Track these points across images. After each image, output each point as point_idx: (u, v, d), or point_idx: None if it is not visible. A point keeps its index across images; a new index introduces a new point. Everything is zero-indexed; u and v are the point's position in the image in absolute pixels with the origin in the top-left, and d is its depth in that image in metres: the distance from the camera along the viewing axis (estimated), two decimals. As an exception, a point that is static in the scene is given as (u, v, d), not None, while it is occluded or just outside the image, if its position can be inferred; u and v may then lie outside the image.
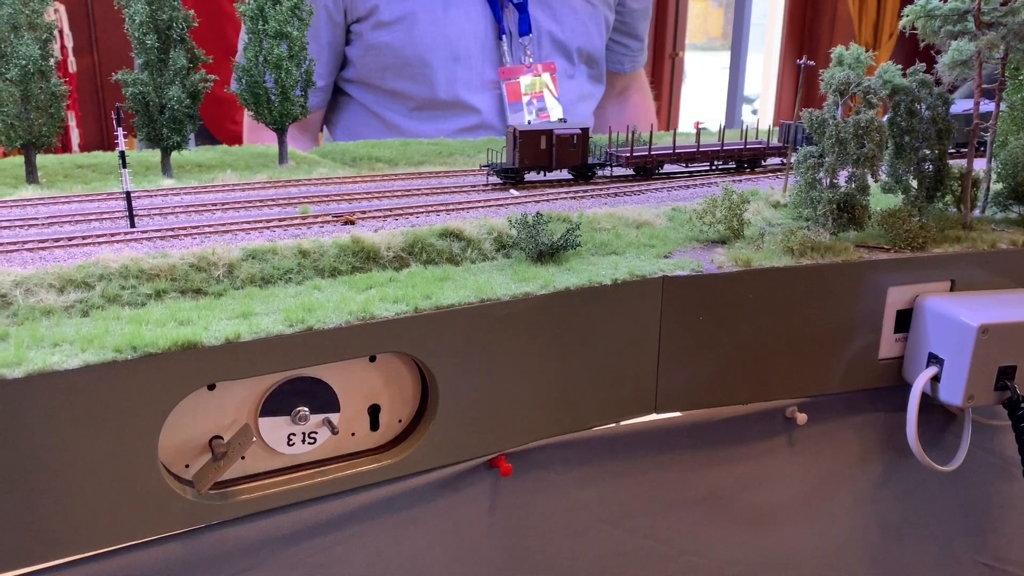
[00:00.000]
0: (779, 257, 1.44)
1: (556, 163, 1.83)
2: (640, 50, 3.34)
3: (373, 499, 1.26)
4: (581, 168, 1.88)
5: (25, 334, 1.06)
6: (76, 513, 1.04)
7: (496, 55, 2.80)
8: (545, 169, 1.84)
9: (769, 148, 2.04)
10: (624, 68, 3.32)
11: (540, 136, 1.80)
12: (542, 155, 1.81)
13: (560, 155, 1.82)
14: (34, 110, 1.71)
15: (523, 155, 1.80)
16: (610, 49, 3.20)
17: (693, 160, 1.99)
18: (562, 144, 1.81)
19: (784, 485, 1.58)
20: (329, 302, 1.20)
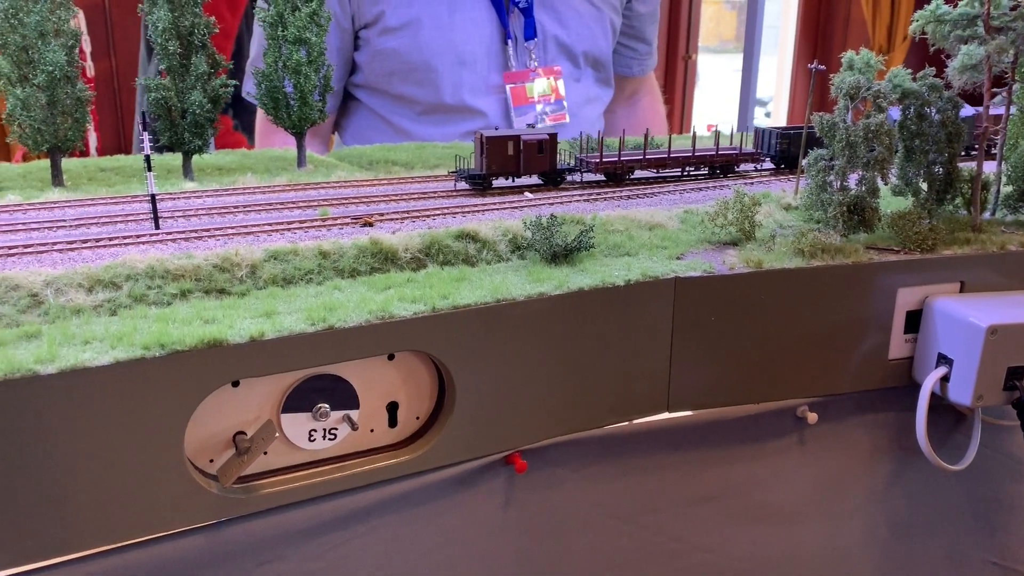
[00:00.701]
0: (790, 258, 1.46)
1: (524, 169, 1.82)
2: (648, 53, 3.36)
3: (391, 494, 1.29)
4: (550, 174, 1.87)
5: (57, 332, 1.10)
6: (105, 505, 1.08)
7: (501, 59, 2.84)
8: (513, 175, 1.83)
9: (742, 154, 2.03)
10: (633, 71, 3.34)
11: (507, 142, 1.80)
12: (510, 161, 1.80)
13: (528, 161, 1.81)
14: (60, 114, 1.75)
15: (490, 161, 1.79)
16: (618, 53, 3.23)
17: (664, 166, 1.97)
18: (529, 150, 1.80)
19: (795, 484, 1.60)
20: (349, 302, 1.23)
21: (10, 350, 1.04)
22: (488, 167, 1.79)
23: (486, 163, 1.79)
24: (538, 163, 1.82)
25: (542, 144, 1.81)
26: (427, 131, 2.81)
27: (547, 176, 1.88)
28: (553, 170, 1.86)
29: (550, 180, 1.89)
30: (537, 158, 1.81)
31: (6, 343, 1.07)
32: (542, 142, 1.81)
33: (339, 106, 3.00)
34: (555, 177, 1.88)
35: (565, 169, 1.89)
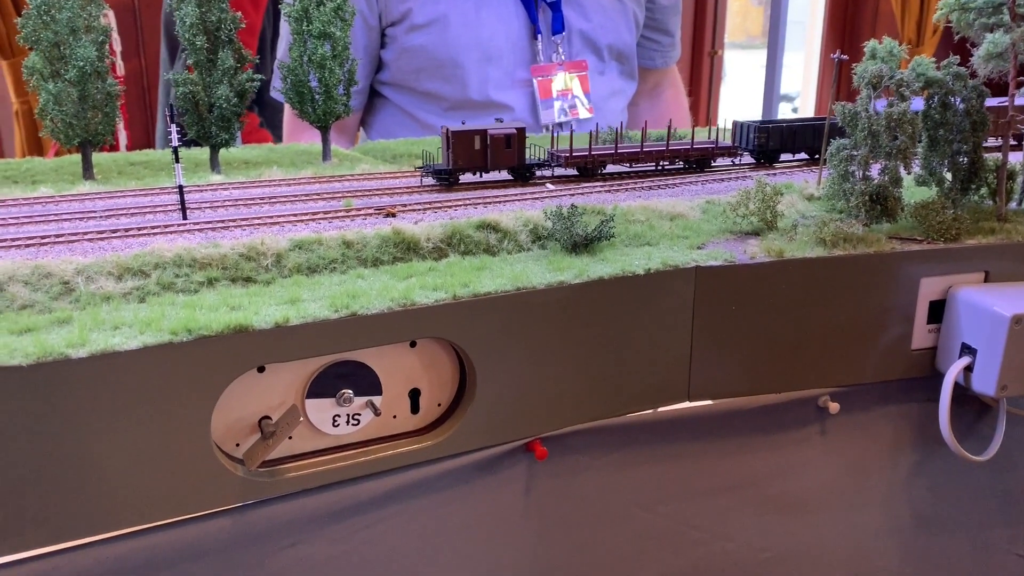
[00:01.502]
0: (812, 248, 1.46)
1: (491, 164, 1.78)
2: (671, 45, 3.35)
3: (413, 479, 1.31)
4: (518, 169, 1.83)
5: (87, 318, 1.13)
6: (134, 487, 1.10)
7: (527, 54, 2.85)
8: (480, 170, 1.80)
9: (718, 148, 1.98)
10: (656, 64, 3.34)
11: (474, 136, 1.76)
12: (477, 156, 1.76)
13: (495, 156, 1.77)
14: (90, 109, 1.79)
15: (457, 156, 1.75)
16: (641, 45, 3.23)
17: (637, 160, 1.94)
18: (496, 144, 1.76)
19: (816, 474, 1.60)
20: (372, 289, 1.25)
21: (43, 335, 1.07)
22: (454, 162, 1.75)
23: (452, 158, 1.75)
24: (506, 158, 1.78)
25: (510, 139, 1.76)
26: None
27: (516, 171, 1.84)
28: (522, 165, 1.82)
29: (519, 175, 1.85)
30: (505, 153, 1.77)
31: (39, 328, 1.10)
32: (509, 137, 1.76)
33: (366, 104, 3.03)
34: (524, 172, 1.84)
35: (535, 164, 1.85)
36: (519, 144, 1.79)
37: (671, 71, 3.46)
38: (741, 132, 2.06)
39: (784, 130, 2.04)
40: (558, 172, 1.93)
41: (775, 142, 2.03)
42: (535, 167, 1.85)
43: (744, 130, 2.05)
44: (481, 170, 1.79)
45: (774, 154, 2.06)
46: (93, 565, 1.13)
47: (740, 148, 2.04)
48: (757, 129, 2.02)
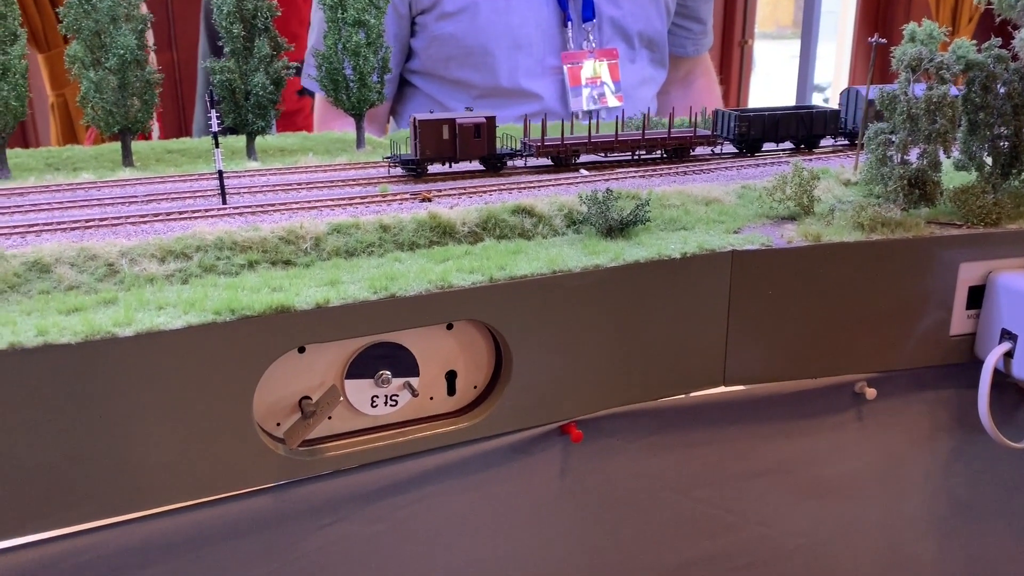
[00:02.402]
0: (849, 232, 1.45)
1: (460, 154, 1.72)
2: (703, 33, 3.33)
3: (450, 460, 1.32)
4: (488, 159, 1.80)
5: (132, 298, 1.15)
6: (177, 464, 1.13)
7: (557, 42, 2.84)
8: (450, 160, 1.74)
9: (696, 137, 1.92)
10: (687, 51, 3.31)
11: (442, 126, 1.70)
12: (445, 145, 1.72)
13: (464, 145, 1.71)
14: (130, 97, 1.81)
15: (424, 146, 1.71)
16: (672, 33, 3.21)
17: (612, 149, 1.86)
18: (465, 134, 1.70)
19: (853, 460, 1.59)
20: (409, 272, 1.26)
21: (90, 314, 1.10)
22: (422, 152, 1.71)
23: (420, 147, 1.71)
24: (475, 147, 1.73)
25: (479, 128, 1.72)
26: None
27: (486, 161, 1.79)
28: (492, 154, 1.77)
29: (489, 165, 1.80)
30: (474, 142, 1.73)
31: (86, 308, 1.12)
32: (479, 126, 1.72)
33: (395, 93, 3.05)
34: (495, 162, 1.80)
35: (506, 154, 1.81)
36: (489, 133, 1.74)
37: (703, 59, 3.44)
38: (722, 121, 2.00)
39: (766, 119, 1.97)
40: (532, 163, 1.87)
41: (756, 131, 1.97)
42: (506, 157, 1.81)
43: (725, 119, 1.99)
44: (450, 160, 1.75)
45: (756, 143, 2.00)
46: (138, 541, 1.16)
47: (721, 137, 1.99)
48: (738, 118, 1.96)
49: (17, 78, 1.68)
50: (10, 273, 1.19)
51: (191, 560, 1.19)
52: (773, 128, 1.98)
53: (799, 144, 2.05)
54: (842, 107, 2.07)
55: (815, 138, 2.04)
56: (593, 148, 1.86)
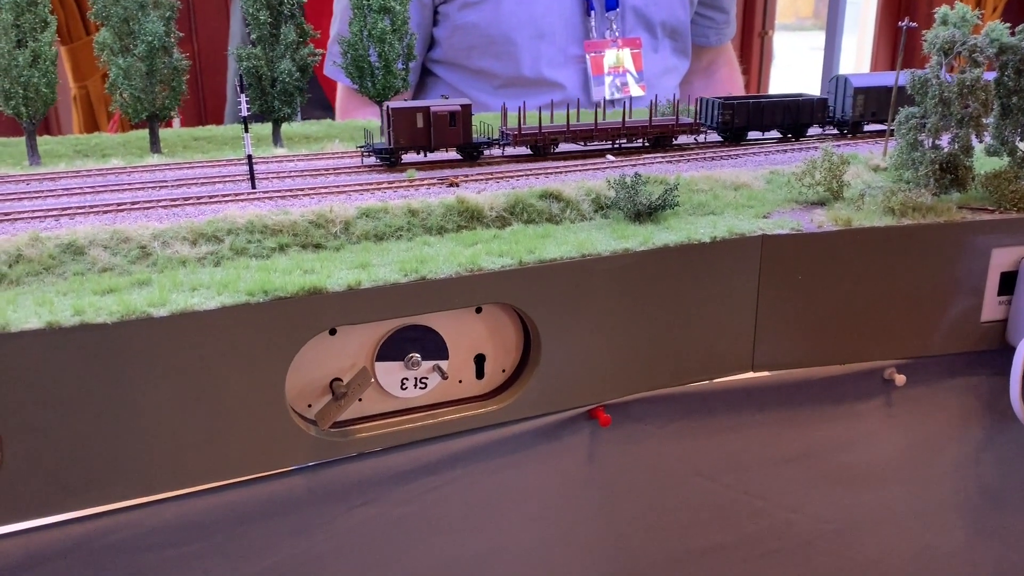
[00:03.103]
0: (880, 217, 1.44)
1: (435, 143, 1.68)
2: (726, 22, 3.31)
3: (478, 443, 1.33)
4: (465, 148, 1.74)
5: (166, 280, 1.16)
6: (211, 444, 1.13)
7: (579, 31, 2.83)
8: (424, 149, 1.70)
9: (679, 125, 1.87)
10: (710, 41, 3.30)
11: (416, 114, 1.66)
12: (419, 134, 1.67)
13: (439, 134, 1.67)
14: (158, 83, 1.82)
15: (398, 135, 1.67)
16: (695, 23, 3.19)
17: (591, 138, 1.82)
18: (440, 122, 1.67)
19: (881, 446, 1.58)
20: (439, 255, 1.27)
21: (124, 295, 1.11)
22: (396, 141, 1.67)
23: (393, 136, 1.66)
24: (450, 136, 1.69)
25: (454, 116, 1.68)
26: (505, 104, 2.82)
27: (462, 150, 1.75)
28: (468, 143, 1.73)
29: (466, 154, 1.76)
30: (449, 131, 1.68)
31: (120, 289, 1.13)
32: (454, 114, 1.67)
33: (417, 82, 3.04)
34: (471, 151, 1.76)
35: (482, 143, 1.76)
36: (464, 122, 1.70)
37: (726, 49, 3.42)
38: (705, 109, 1.96)
39: (751, 107, 1.93)
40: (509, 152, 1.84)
41: (741, 119, 1.92)
42: (483, 146, 1.77)
43: (708, 107, 1.95)
44: (424, 149, 1.71)
45: (740, 132, 1.95)
46: (172, 521, 1.17)
47: (705, 126, 1.94)
48: (721, 105, 1.92)
49: (47, 65, 1.69)
50: (45, 255, 1.21)
51: (224, 540, 1.20)
52: (758, 116, 1.94)
53: (786, 133, 2.01)
54: (830, 95, 2.03)
55: (802, 127, 1.99)
56: (572, 137, 1.81)
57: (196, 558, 1.19)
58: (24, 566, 1.11)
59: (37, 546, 1.11)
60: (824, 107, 1.99)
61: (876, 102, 1.99)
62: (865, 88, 1.98)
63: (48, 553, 1.12)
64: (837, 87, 2.02)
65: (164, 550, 1.17)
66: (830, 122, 2.03)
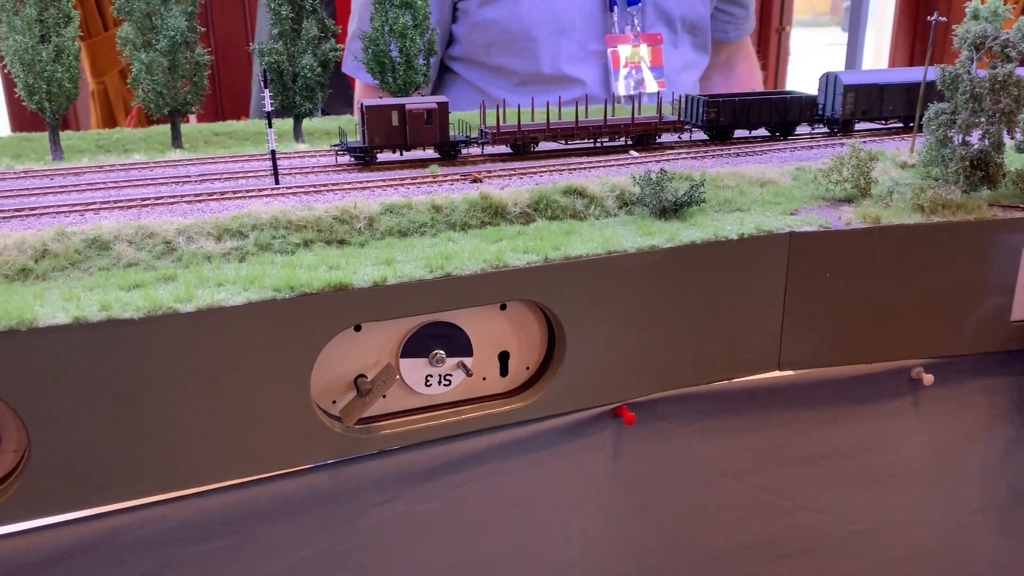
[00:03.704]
0: (909, 215, 1.42)
1: (411, 141, 1.64)
2: (745, 18, 3.28)
3: (502, 441, 1.32)
4: (442, 146, 1.70)
5: (192, 275, 1.16)
6: (236, 440, 1.13)
7: (599, 26, 2.82)
8: (400, 148, 1.67)
9: (662, 123, 1.83)
10: (729, 36, 3.27)
11: (391, 111, 1.62)
12: (395, 132, 1.64)
13: (415, 132, 1.64)
14: (180, 78, 1.82)
15: (372, 132, 1.63)
16: (714, 18, 3.17)
17: (572, 136, 1.78)
18: (415, 120, 1.63)
19: (909, 446, 1.56)
20: (464, 251, 1.26)
21: (150, 290, 1.10)
22: (370, 139, 1.64)
23: (368, 134, 1.63)
24: (427, 134, 1.65)
25: (430, 114, 1.64)
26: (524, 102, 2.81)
27: (440, 148, 1.71)
28: (445, 142, 1.69)
29: (443, 153, 1.71)
30: (425, 129, 1.65)
31: (146, 284, 1.13)
32: (430, 111, 1.64)
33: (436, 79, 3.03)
34: (448, 149, 1.72)
35: (460, 141, 1.72)
36: (441, 119, 1.66)
37: (745, 44, 3.39)
38: (691, 106, 1.91)
39: (736, 104, 1.88)
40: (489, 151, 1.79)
41: (726, 117, 1.88)
42: (460, 144, 1.73)
43: (693, 104, 1.90)
44: (400, 147, 1.67)
45: (726, 130, 1.90)
46: (196, 516, 1.17)
47: (690, 123, 1.90)
48: (706, 103, 1.87)
49: (70, 60, 1.69)
50: (71, 250, 1.20)
51: (248, 536, 1.20)
52: (744, 114, 1.89)
53: (774, 131, 1.96)
54: (820, 93, 1.98)
55: (790, 125, 1.95)
56: (552, 135, 1.77)
57: (220, 554, 1.19)
58: (51, 560, 1.11)
59: (64, 541, 1.11)
60: (813, 105, 1.94)
61: (867, 100, 1.94)
62: (856, 86, 1.92)
63: (74, 548, 1.12)
64: (827, 85, 1.97)
65: (188, 546, 1.17)
66: (819, 120, 1.98)
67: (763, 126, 1.95)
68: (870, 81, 1.93)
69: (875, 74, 1.96)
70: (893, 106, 1.95)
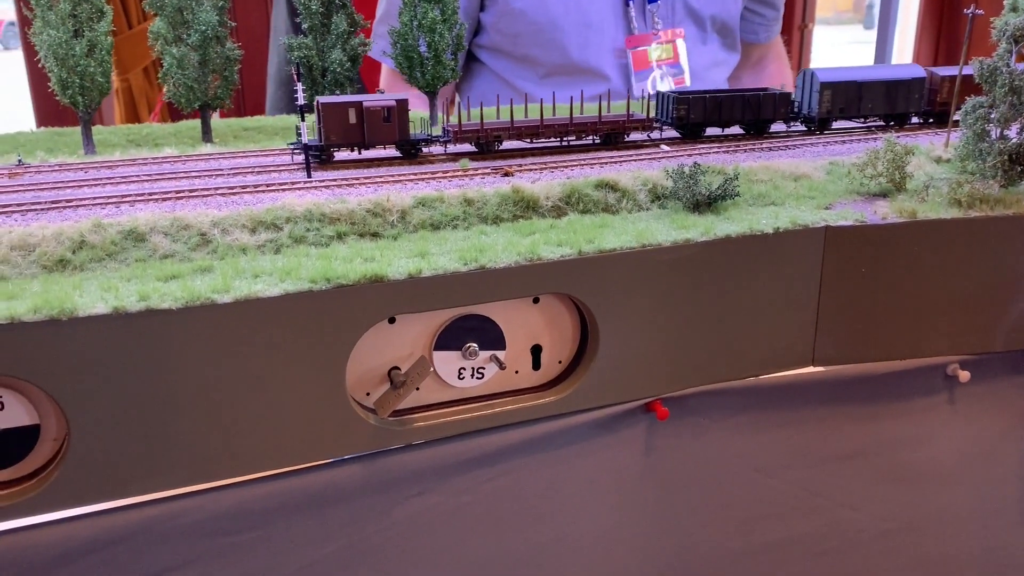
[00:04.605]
0: (945, 209, 1.41)
1: (369, 139, 1.59)
2: (775, 19, 3.27)
3: (534, 435, 1.31)
4: (402, 145, 1.65)
5: (228, 267, 1.16)
6: (272, 432, 1.13)
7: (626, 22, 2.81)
8: (358, 146, 1.62)
9: (631, 121, 1.77)
10: (759, 38, 3.25)
11: (348, 109, 1.57)
12: (352, 131, 1.58)
13: (373, 130, 1.58)
14: (211, 73, 1.83)
15: (329, 131, 1.57)
16: (745, 19, 3.15)
17: (537, 135, 1.72)
18: (373, 118, 1.58)
19: (944, 444, 1.54)
20: (497, 244, 1.25)
21: (188, 281, 1.11)
22: (327, 137, 1.58)
23: (325, 133, 1.58)
24: (385, 133, 1.60)
25: (388, 111, 1.59)
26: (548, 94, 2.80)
27: (400, 147, 1.66)
28: (404, 140, 1.64)
29: (404, 152, 1.67)
30: (383, 127, 1.59)
31: (183, 275, 1.14)
32: (388, 109, 1.58)
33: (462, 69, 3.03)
34: (409, 148, 1.66)
35: (421, 139, 1.67)
36: (400, 117, 1.60)
37: (775, 44, 3.37)
38: (662, 104, 1.84)
39: (707, 101, 1.81)
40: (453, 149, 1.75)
41: (697, 115, 1.81)
42: (421, 143, 1.68)
43: (664, 101, 1.83)
44: (358, 146, 1.62)
45: (696, 128, 1.84)
46: (232, 506, 1.17)
47: (660, 121, 1.84)
48: (675, 100, 1.80)
49: (103, 54, 1.70)
50: (108, 241, 1.21)
51: (282, 527, 1.20)
52: (715, 111, 1.83)
53: (749, 129, 1.90)
54: (798, 90, 1.92)
55: (764, 123, 1.89)
56: (517, 134, 1.72)
57: (254, 545, 1.19)
58: (87, 550, 1.12)
59: (101, 530, 1.12)
60: (787, 102, 1.88)
61: (845, 98, 1.88)
62: (832, 83, 1.86)
63: (109, 537, 1.13)
64: (804, 82, 1.91)
65: (223, 537, 1.18)
66: (795, 118, 1.92)
67: (736, 124, 1.88)
68: (848, 78, 1.87)
69: (854, 71, 1.89)
70: (872, 104, 1.89)
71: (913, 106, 1.92)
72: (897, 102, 1.91)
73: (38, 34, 1.65)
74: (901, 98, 1.90)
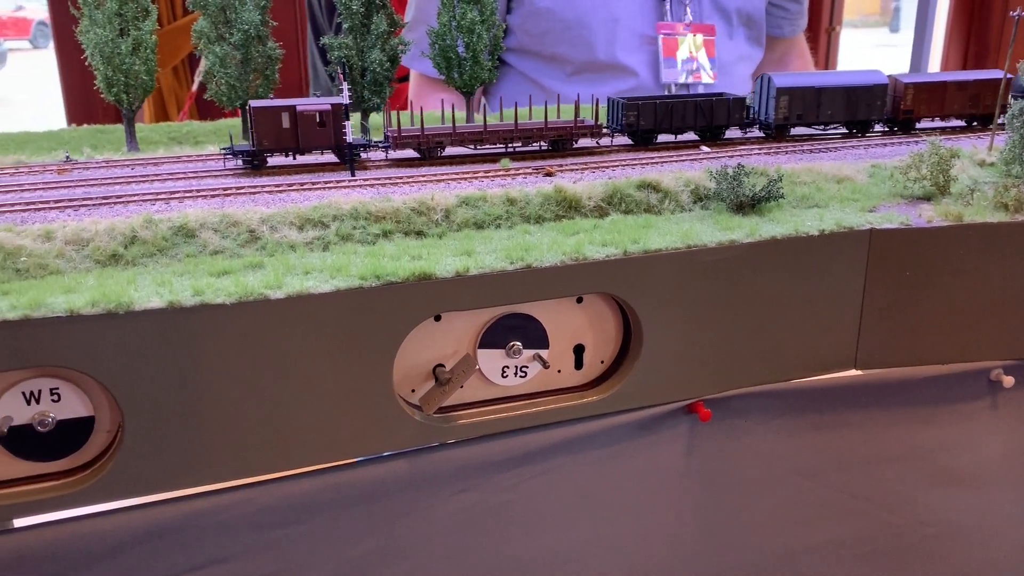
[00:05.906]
0: (992, 213, 1.40)
1: (304, 144, 1.55)
2: (799, 13, 3.26)
3: (576, 434, 1.32)
4: (339, 150, 1.60)
5: (279, 263, 1.17)
6: (320, 426, 1.14)
7: (654, 15, 2.81)
8: (293, 151, 1.57)
9: (579, 127, 1.72)
10: (784, 32, 3.25)
11: (280, 113, 1.54)
12: (285, 135, 1.54)
13: (307, 135, 1.54)
14: (252, 72, 1.85)
15: (261, 136, 1.53)
16: (769, 13, 3.15)
17: (481, 141, 1.69)
18: (306, 122, 1.54)
19: (987, 449, 1.53)
20: (542, 243, 1.26)
21: (240, 277, 1.12)
22: (259, 142, 1.54)
23: (257, 138, 1.54)
24: (320, 138, 1.55)
25: (322, 116, 1.54)
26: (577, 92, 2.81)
27: (337, 152, 1.61)
28: (340, 145, 1.58)
29: (341, 158, 1.62)
30: (318, 132, 1.55)
31: (234, 271, 1.15)
32: (322, 113, 1.54)
33: None
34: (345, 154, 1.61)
35: (360, 144, 1.63)
36: (334, 122, 1.55)
37: (798, 40, 3.37)
38: (612, 110, 1.79)
39: (658, 107, 1.75)
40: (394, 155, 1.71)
41: (647, 121, 1.76)
42: (359, 148, 1.63)
43: (615, 107, 1.78)
44: (293, 151, 1.58)
45: (647, 135, 1.79)
46: (280, 499, 1.18)
47: (610, 127, 1.80)
48: (624, 105, 1.75)
49: (148, 53, 1.72)
50: (159, 237, 1.23)
51: (327, 522, 1.21)
52: (666, 117, 1.77)
53: (705, 136, 1.84)
54: (755, 95, 1.88)
55: (718, 129, 1.82)
56: (459, 140, 1.69)
57: (300, 539, 1.21)
58: (137, 540, 1.13)
59: (151, 521, 1.13)
60: (742, 107, 1.82)
61: (802, 104, 1.83)
62: (789, 88, 1.81)
63: (159, 528, 1.14)
64: (761, 87, 1.86)
65: (270, 530, 1.19)
66: (750, 124, 1.87)
67: (689, 130, 1.82)
68: (806, 84, 1.82)
69: (814, 76, 1.86)
70: (832, 111, 1.84)
71: (875, 113, 1.87)
72: (858, 109, 1.85)
73: (85, 32, 1.68)
74: (863, 105, 1.85)
